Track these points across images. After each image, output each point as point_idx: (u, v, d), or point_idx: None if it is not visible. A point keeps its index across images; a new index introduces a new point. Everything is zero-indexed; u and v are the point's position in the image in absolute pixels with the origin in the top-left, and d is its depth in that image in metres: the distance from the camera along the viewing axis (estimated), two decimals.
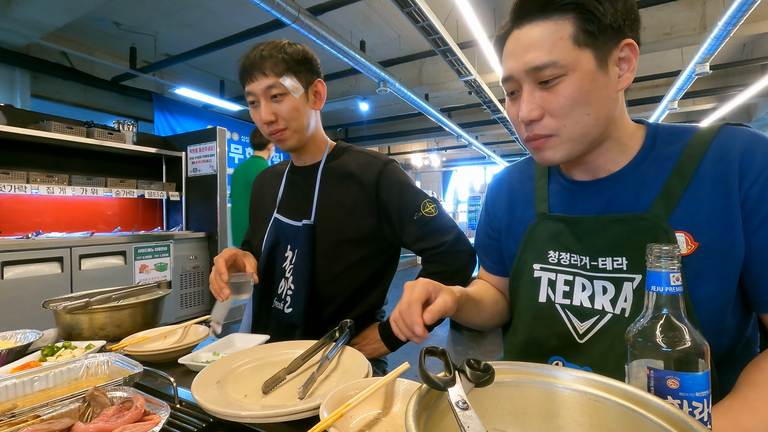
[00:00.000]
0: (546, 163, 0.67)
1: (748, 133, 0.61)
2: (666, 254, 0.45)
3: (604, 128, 0.63)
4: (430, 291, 0.63)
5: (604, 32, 0.58)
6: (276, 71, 0.97)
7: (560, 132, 0.62)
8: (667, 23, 4.56)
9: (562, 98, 0.60)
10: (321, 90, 1.07)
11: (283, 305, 1.07)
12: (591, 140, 0.63)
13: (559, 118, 0.61)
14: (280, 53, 0.98)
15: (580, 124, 0.61)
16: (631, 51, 0.60)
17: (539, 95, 0.61)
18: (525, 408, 0.49)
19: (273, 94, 0.98)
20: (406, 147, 12.16)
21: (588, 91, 0.59)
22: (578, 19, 0.58)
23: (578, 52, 0.58)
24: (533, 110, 0.61)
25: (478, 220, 0.94)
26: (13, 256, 2.74)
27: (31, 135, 3.06)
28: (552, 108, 0.61)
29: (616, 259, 0.65)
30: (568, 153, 0.64)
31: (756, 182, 0.57)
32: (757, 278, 0.59)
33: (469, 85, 5.11)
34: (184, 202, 4.17)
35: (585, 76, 0.59)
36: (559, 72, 0.59)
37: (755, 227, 0.58)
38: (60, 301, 1.00)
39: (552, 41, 0.59)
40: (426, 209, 1.02)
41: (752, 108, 8.25)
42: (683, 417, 0.37)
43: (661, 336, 0.45)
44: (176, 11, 4.58)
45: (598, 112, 0.61)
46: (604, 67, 0.60)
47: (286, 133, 1.02)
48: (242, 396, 0.64)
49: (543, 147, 0.64)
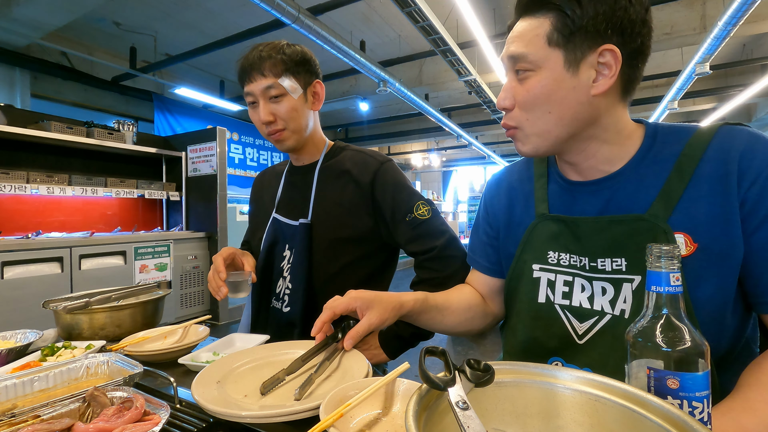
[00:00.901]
0: (523, 156, 0.71)
1: (747, 132, 0.61)
2: (666, 254, 0.45)
3: (572, 129, 0.63)
4: (353, 307, 0.73)
5: (580, 35, 0.58)
6: (275, 72, 0.97)
7: (523, 125, 0.66)
8: (667, 23, 4.56)
9: (527, 92, 0.63)
10: (320, 91, 1.07)
11: (282, 304, 1.07)
12: (557, 138, 0.64)
13: (524, 111, 0.65)
14: (279, 54, 0.98)
15: (542, 120, 0.63)
16: (613, 57, 0.58)
17: (514, 86, 0.65)
18: (525, 408, 0.49)
19: (272, 95, 0.98)
20: (406, 147, 12.16)
21: (550, 90, 0.61)
22: (555, 19, 0.59)
23: (548, 51, 0.60)
24: (506, 99, 0.66)
25: (475, 220, 0.93)
26: (13, 256, 2.74)
27: (31, 135, 3.06)
28: (519, 100, 0.64)
29: (616, 260, 0.65)
30: (534, 147, 0.67)
31: (755, 183, 0.57)
32: (757, 279, 0.58)
33: (469, 85, 5.11)
34: (184, 202, 4.17)
35: (550, 75, 0.61)
36: (528, 66, 0.62)
37: (754, 228, 0.57)
38: (60, 301, 1.00)
39: (529, 37, 0.62)
40: (419, 211, 1.01)
41: (752, 108, 8.25)
42: (683, 417, 0.37)
43: (661, 336, 0.45)
44: (176, 11, 4.58)
45: (561, 112, 0.62)
46: (574, 70, 0.60)
47: (285, 133, 1.02)
48: (242, 396, 0.64)
49: (514, 138, 0.69)
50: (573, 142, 0.66)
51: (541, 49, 0.60)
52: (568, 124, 0.63)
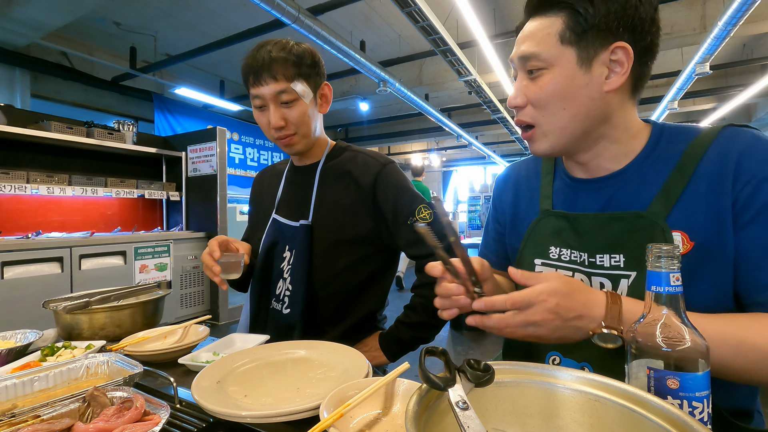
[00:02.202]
0: (537, 155, 0.70)
1: (750, 134, 0.61)
2: (666, 254, 0.45)
3: (586, 126, 0.64)
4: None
5: (592, 33, 0.59)
6: (287, 75, 0.94)
7: (539, 122, 0.66)
8: (667, 23, 4.56)
9: (541, 90, 0.63)
10: (328, 93, 1.05)
11: (281, 306, 1.07)
12: (572, 135, 0.65)
13: (538, 108, 0.65)
14: (291, 55, 0.94)
15: (556, 117, 0.64)
16: (625, 55, 0.60)
17: (526, 84, 0.65)
18: (525, 408, 0.49)
19: (283, 100, 0.95)
20: (406, 147, 12.15)
21: (564, 87, 0.62)
22: (568, 17, 0.60)
23: (561, 49, 0.61)
24: (517, 97, 0.66)
25: (487, 217, 0.95)
26: (13, 256, 2.74)
27: (31, 135, 3.06)
28: (533, 98, 0.65)
29: (614, 256, 0.65)
30: (551, 145, 0.67)
31: (748, 183, 0.57)
32: (743, 278, 0.58)
33: (469, 85, 5.11)
34: (184, 202, 4.17)
35: (563, 73, 0.61)
36: (541, 65, 0.63)
37: (741, 226, 0.58)
38: (60, 301, 1.00)
39: (541, 36, 0.62)
40: (421, 215, 1.01)
41: (752, 108, 8.24)
42: (683, 417, 0.37)
43: (661, 336, 0.45)
44: (176, 11, 4.58)
45: (575, 109, 0.63)
46: (587, 67, 0.61)
47: (295, 138, 1.00)
48: (242, 396, 0.64)
49: (530, 139, 0.69)
50: (585, 141, 0.67)
51: (553, 48, 0.61)
52: (582, 121, 0.64)
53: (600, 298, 0.56)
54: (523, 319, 0.54)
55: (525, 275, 0.56)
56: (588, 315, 0.54)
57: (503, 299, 0.54)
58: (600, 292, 0.57)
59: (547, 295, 0.53)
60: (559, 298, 0.53)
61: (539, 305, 0.53)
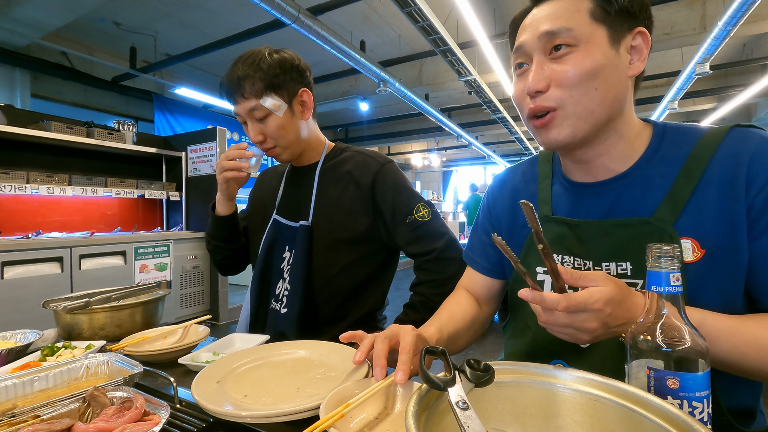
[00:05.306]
0: (550, 145, 0.64)
1: (759, 136, 0.59)
2: (666, 254, 0.45)
3: (610, 111, 0.61)
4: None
5: (620, 14, 0.59)
6: (254, 92, 0.95)
7: (565, 104, 0.60)
8: (667, 23, 4.56)
9: (571, 69, 0.59)
10: (308, 99, 1.03)
11: (280, 306, 1.07)
12: (597, 121, 0.61)
13: (565, 88, 0.60)
14: (257, 72, 0.94)
15: (587, 97, 0.59)
16: (644, 40, 0.61)
17: (548, 67, 0.61)
18: (525, 408, 0.49)
19: (257, 117, 0.97)
20: (406, 147, 12.16)
21: (599, 64, 0.58)
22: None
23: (594, 26, 0.59)
24: (540, 81, 0.61)
25: (475, 221, 0.91)
26: (13, 256, 2.74)
27: (31, 135, 3.06)
28: (560, 78, 0.60)
29: (620, 264, 0.63)
30: (572, 131, 0.61)
31: (763, 189, 0.55)
32: (759, 286, 0.57)
33: (469, 85, 5.12)
34: (184, 202, 4.17)
35: (597, 50, 0.59)
36: (571, 41, 0.59)
37: (757, 234, 0.56)
38: (60, 301, 1.00)
39: (570, 13, 0.59)
40: (419, 213, 1.01)
41: (752, 108, 8.25)
42: (683, 417, 0.37)
43: (661, 336, 0.45)
44: (176, 11, 4.58)
45: (606, 90, 0.59)
46: (617, 47, 0.60)
47: (277, 150, 1.02)
48: (242, 396, 0.64)
49: (548, 125, 0.62)
50: (602, 132, 0.64)
51: (586, 25, 0.59)
52: (609, 105, 0.61)
53: (640, 301, 0.53)
54: (569, 322, 0.51)
55: (574, 275, 0.52)
56: (630, 321, 0.52)
57: (555, 300, 0.50)
58: (639, 294, 0.54)
59: (603, 304, 0.49)
60: (612, 307, 0.50)
61: (592, 313, 0.50)
